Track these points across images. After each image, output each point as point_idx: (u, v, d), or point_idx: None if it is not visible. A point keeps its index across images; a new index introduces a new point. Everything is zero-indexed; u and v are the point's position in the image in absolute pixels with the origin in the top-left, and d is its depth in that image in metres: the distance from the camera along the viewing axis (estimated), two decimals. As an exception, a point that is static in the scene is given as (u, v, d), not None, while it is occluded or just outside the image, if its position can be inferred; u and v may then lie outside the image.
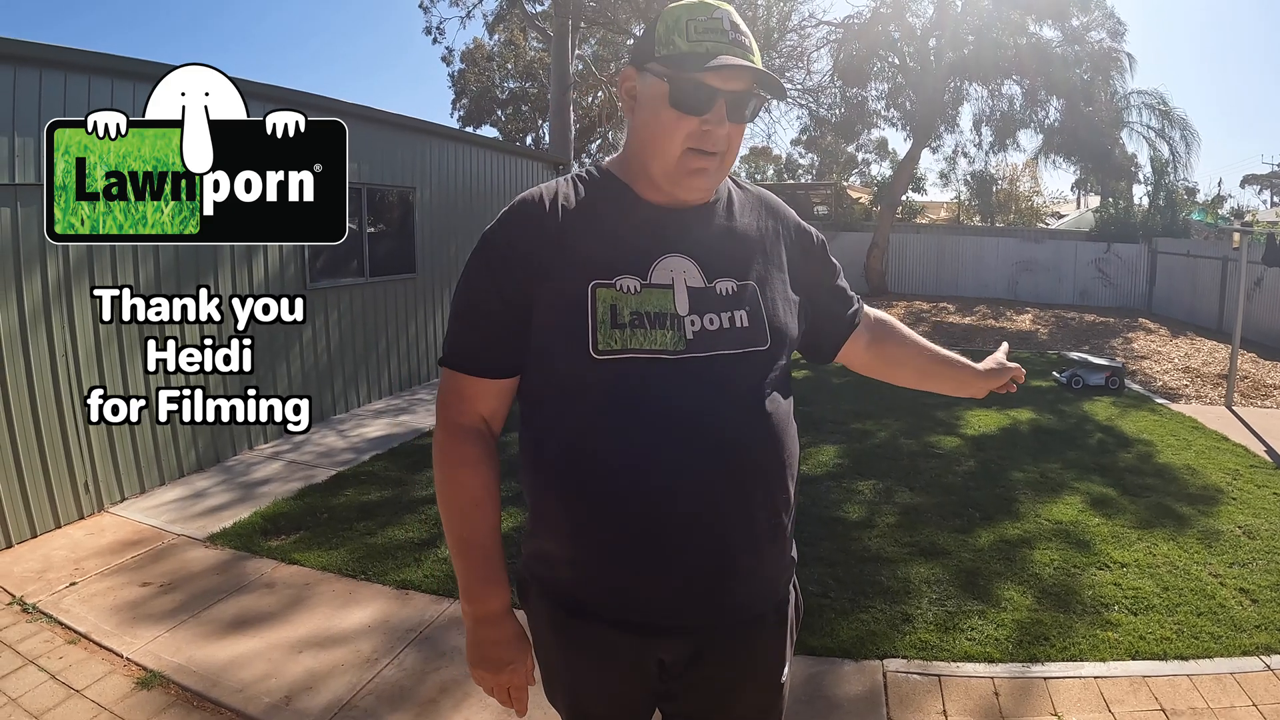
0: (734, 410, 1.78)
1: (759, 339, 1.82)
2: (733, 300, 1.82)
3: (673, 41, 1.72)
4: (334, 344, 9.59)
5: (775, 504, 1.86)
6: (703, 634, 1.84)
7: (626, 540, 1.75)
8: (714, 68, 1.67)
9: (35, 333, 5.95)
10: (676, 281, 1.78)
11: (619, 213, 1.82)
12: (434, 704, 3.96)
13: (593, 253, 1.76)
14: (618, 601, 1.80)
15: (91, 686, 4.07)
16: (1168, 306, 20.96)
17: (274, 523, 6.22)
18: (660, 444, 1.71)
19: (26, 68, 5.88)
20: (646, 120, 1.78)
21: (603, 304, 1.72)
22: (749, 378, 1.81)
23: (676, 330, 1.74)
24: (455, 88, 40.26)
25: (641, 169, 1.82)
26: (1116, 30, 23.00)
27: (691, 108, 1.72)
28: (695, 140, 1.74)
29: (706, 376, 1.75)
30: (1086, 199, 42.81)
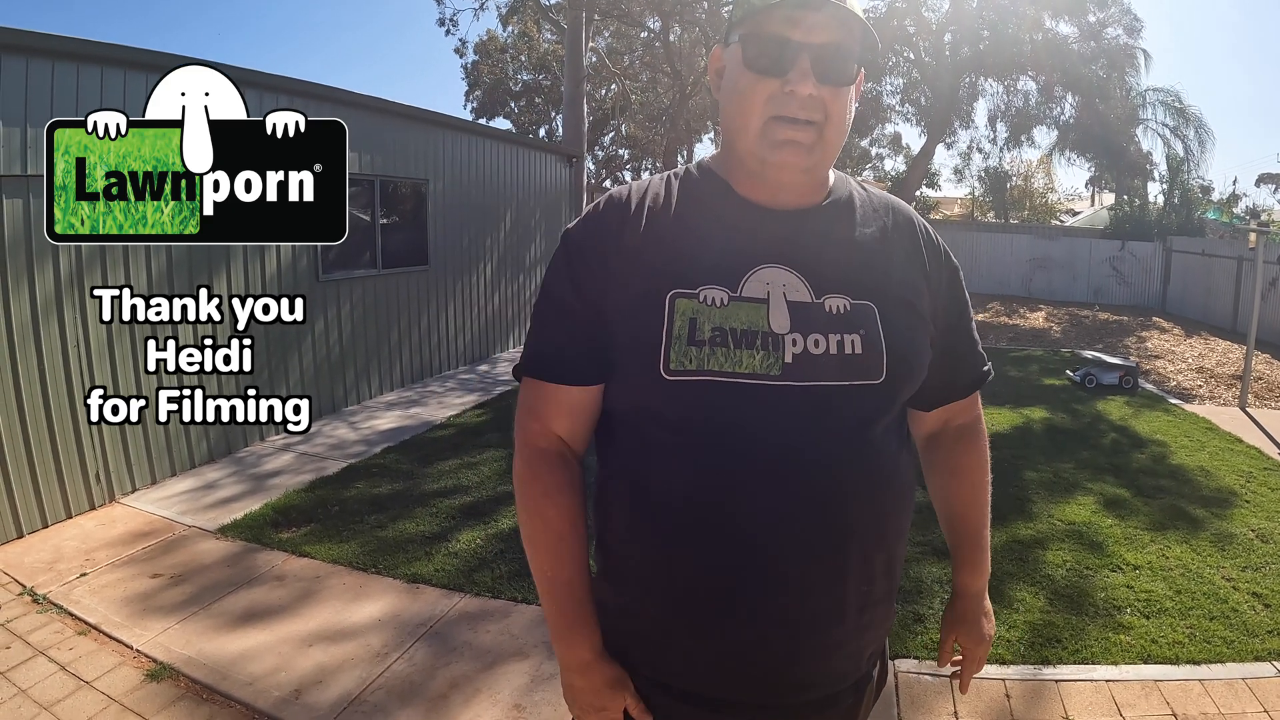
0: (833, 453, 1.51)
1: (873, 370, 1.54)
2: (844, 321, 1.55)
3: (748, 3, 1.53)
4: (346, 336, 9.59)
5: (872, 569, 1.59)
6: (765, 713, 1.61)
7: (687, 597, 1.55)
8: (788, 8, 1.47)
9: (48, 324, 5.96)
10: (774, 295, 1.53)
11: (714, 214, 1.61)
12: (444, 699, 3.96)
13: (677, 258, 1.55)
14: (672, 663, 1.62)
15: (101, 678, 4.08)
16: (1182, 306, 20.86)
17: (285, 515, 6.23)
18: (738, 486, 1.48)
19: (38, 59, 5.88)
20: (729, 92, 1.58)
21: (681, 317, 1.49)
22: (857, 415, 1.54)
23: (771, 351, 1.49)
24: (468, 79, 40.25)
25: (734, 156, 1.62)
26: (1133, 27, 22.88)
27: (768, 67, 1.51)
28: (778, 106, 1.51)
29: (803, 409, 1.49)
30: (1101, 196, 42.72)
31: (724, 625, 1.53)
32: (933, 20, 23.34)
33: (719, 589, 1.51)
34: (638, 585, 1.61)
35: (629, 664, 1.65)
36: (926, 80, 24.18)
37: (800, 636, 1.54)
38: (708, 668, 1.57)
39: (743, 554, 1.49)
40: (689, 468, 1.50)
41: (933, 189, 37.41)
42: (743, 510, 1.48)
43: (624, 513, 1.60)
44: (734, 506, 1.48)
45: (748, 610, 1.51)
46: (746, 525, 1.48)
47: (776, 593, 1.51)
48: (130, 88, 6.62)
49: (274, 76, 8.19)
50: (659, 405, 1.50)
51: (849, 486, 1.51)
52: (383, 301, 10.33)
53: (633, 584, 1.62)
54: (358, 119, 9.52)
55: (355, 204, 9.75)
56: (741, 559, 1.49)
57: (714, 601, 1.52)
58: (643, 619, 1.62)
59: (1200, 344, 15.93)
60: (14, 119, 5.70)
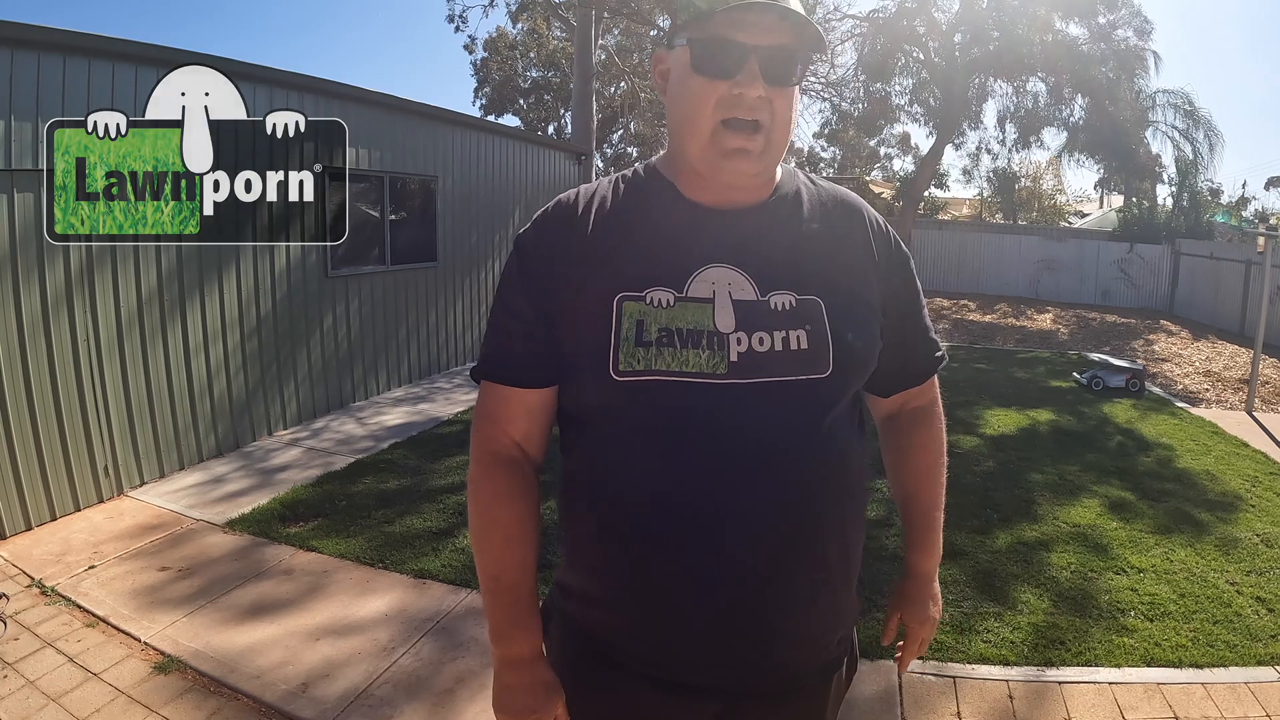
0: (782, 446, 1.53)
1: (820, 364, 1.55)
2: (790, 317, 1.56)
3: (692, 5, 1.52)
4: (354, 331, 9.62)
5: (827, 557, 1.61)
6: (735, 697, 1.65)
7: (652, 587, 1.57)
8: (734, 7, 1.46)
9: (58, 317, 5.99)
10: (719, 294, 1.55)
11: (660, 216, 1.62)
12: (450, 694, 3.98)
13: (624, 262, 1.56)
14: (642, 652, 1.62)
15: (109, 670, 4.10)
16: (1189, 309, 20.85)
17: (293, 509, 6.26)
18: (691, 481, 1.51)
19: (49, 54, 5.90)
20: (676, 96, 1.59)
21: (628, 319, 1.51)
22: (805, 408, 1.56)
23: (717, 350, 1.51)
24: (478, 76, 40.27)
25: (682, 158, 1.62)
26: (1143, 28, 22.82)
27: (717, 69, 1.51)
28: (728, 108, 1.51)
29: (750, 406, 1.51)
30: (1110, 198, 42.61)
31: (688, 615, 1.56)
32: (943, 21, 23.30)
33: (681, 580, 1.54)
34: (604, 579, 1.63)
35: (610, 661, 1.66)
36: (936, 80, 24.14)
37: (761, 623, 1.58)
38: (675, 656, 1.60)
39: (702, 546, 1.51)
40: (645, 464, 1.53)
41: (941, 189, 37.32)
42: (699, 504, 1.51)
43: (587, 509, 1.64)
44: (690, 500, 1.51)
45: (710, 600, 1.54)
46: (704, 518, 1.51)
47: (735, 582, 1.54)
48: (141, 83, 6.63)
49: (282, 72, 8.21)
50: (611, 405, 1.53)
51: (800, 478, 1.54)
52: (391, 297, 10.36)
53: (599, 578, 1.64)
54: (367, 115, 9.56)
55: (364, 200, 9.79)
56: (701, 551, 1.52)
57: (677, 592, 1.55)
58: (611, 611, 1.64)
59: (1208, 347, 15.92)
60: (26, 114, 5.73)
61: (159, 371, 6.90)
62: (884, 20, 23.61)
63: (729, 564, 1.53)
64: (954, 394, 10.74)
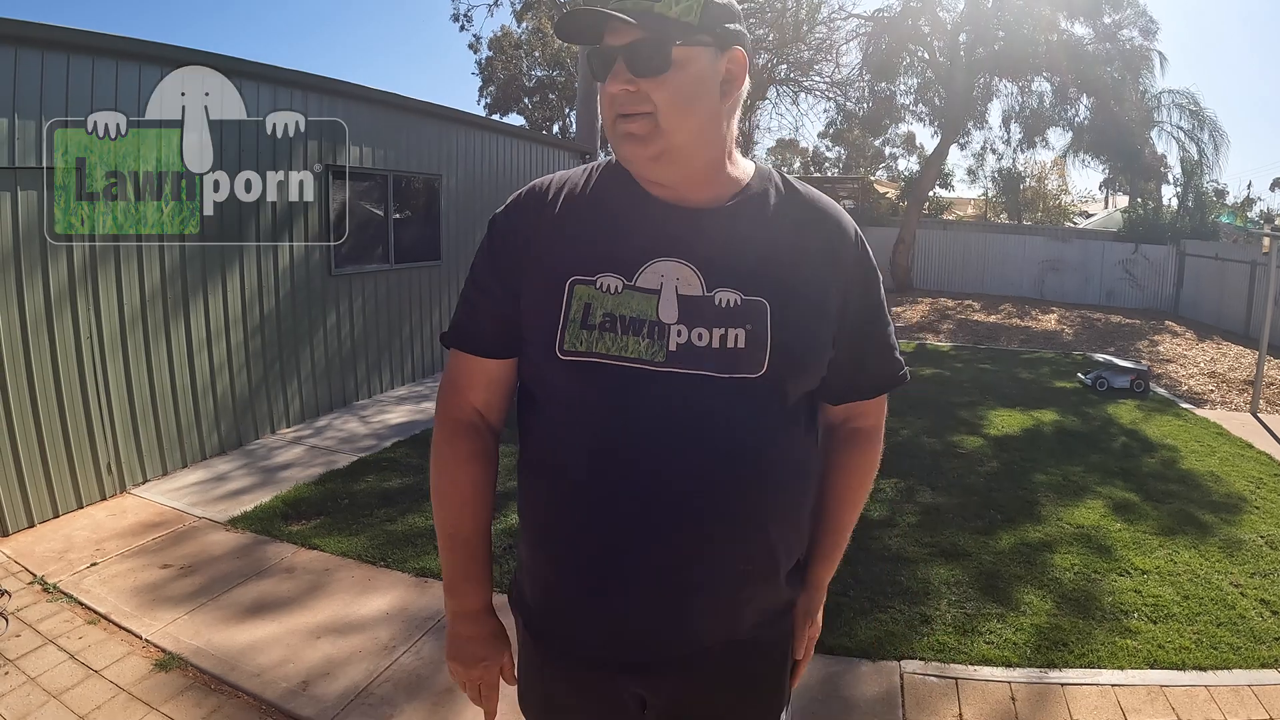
0: (706, 439, 1.58)
1: (752, 364, 1.58)
2: (731, 315, 1.60)
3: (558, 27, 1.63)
4: (357, 330, 9.62)
5: (750, 549, 1.66)
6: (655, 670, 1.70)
7: (579, 561, 1.65)
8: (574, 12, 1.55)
9: (61, 314, 5.99)
10: (665, 287, 1.59)
11: (621, 206, 1.67)
12: (450, 693, 3.97)
13: (581, 247, 1.63)
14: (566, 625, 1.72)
15: (110, 667, 4.10)
16: (1194, 309, 20.81)
17: (295, 507, 6.25)
18: (621, 461, 1.58)
19: (53, 52, 5.90)
20: None
21: (578, 301, 1.58)
22: (732, 408, 1.59)
23: (656, 340, 1.57)
24: (482, 75, 40.35)
25: None
26: (1148, 28, 22.85)
27: (599, 73, 1.60)
28: (616, 105, 1.58)
29: (682, 396, 1.56)
30: (1115, 199, 42.57)
31: (608, 588, 1.63)
32: (947, 20, 23.33)
33: (605, 555, 1.61)
34: (540, 549, 1.72)
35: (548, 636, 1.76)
36: (941, 80, 24.17)
37: (678, 602, 1.64)
38: (596, 629, 1.67)
39: (626, 524, 1.58)
40: (580, 441, 1.61)
41: (946, 189, 37.32)
42: (625, 483, 1.57)
43: (529, 484, 1.72)
44: (617, 479, 1.58)
45: (630, 575, 1.61)
46: (629, 498, 1.57)
47: (654, 561, 1.60)
48: (145, 82, 6.64)
49: (286, 71, 8.21)
50: (554, 382, 1.62)
51: (720, 471, 1.59)
52: (395, 296, 10.35)
53: (537, 548, 1.73)
54: (371, 114, 9.55)
55: (368, 199, 9.78)
56: (625, 528, 1.58)
57: (601, 566, 1.62)
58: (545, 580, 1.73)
59: (1212, 348, 15.89)
60: (29, 112, 5.73)
61: (162, 369, 6.90)
62: (889, 20, 23.64)
63: (646, 550, 1.59)
64: (958, 394, 10.74)
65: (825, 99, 26.72)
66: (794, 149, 49.03)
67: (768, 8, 24.32)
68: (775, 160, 53.20)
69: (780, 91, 27.88)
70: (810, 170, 49.95)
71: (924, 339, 16.57)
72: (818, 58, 24.77)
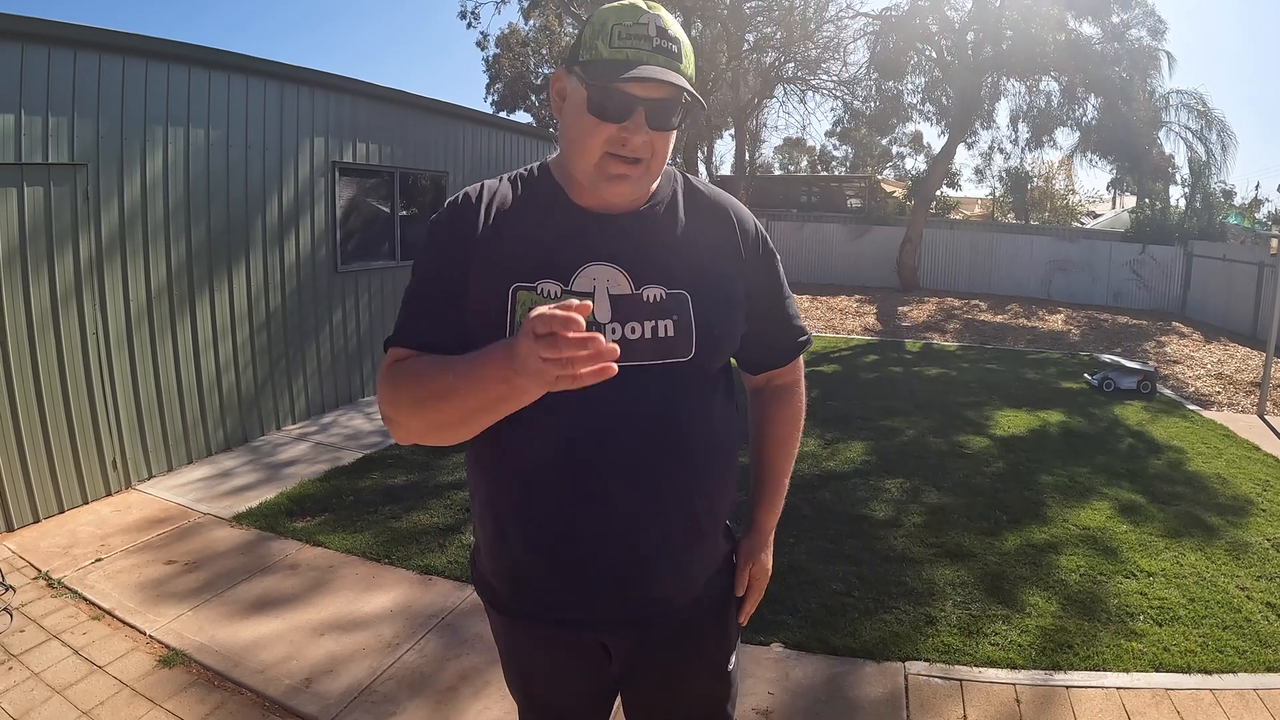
0: (643, 423, 1.77)
1: (682, 349, 1.79)
2: (659, 308, 1.78)
3: (595, 47, 1.69)
4: (364, 327, 9.62)
5: (694, 509, 1.88)
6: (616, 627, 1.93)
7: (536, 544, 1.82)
8: (631, 79, 1.64)
9: (67, 311, 6.00)
10: (598, 289, 1.75)
11: (549, 216, 1.81)
12: (454, 691, 3.97)
13: (518, 255, 1.75)
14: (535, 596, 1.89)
15: (114, 663, 4.11)
16: (1202, 311, 20.75)
17: (299, 504, 6.26)
18: (568, 452, 1.75)
19: (60, 48, 5.90)
20: (570, 122, 1.75)
21: (522, 306, 1.69)
22: (667, 390, 1.79)
23: None
24: (489, 73, 40.36)
25: (570, 171, 1.81)
26: (1156, 28, 22.77)
27: (609, 115, 1.69)
28: (614, 146, 1.70)
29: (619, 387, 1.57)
30: (1122, 199, 42.44)
31: (579, 558, 1.81)
32: (955, 19, 23.28)
33: (572, 531, 1.79)
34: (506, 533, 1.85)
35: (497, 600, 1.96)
36: (948, 79, 24.12)
37: (640, 564, 1.84)
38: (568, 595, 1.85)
39: (585, 501, 1.77)
40: (536, 435, 1.75)
41: (953, 189, 37.35)
42: (583, 467, 1.75)
43: (489, 473, 1.86)
44: (575, 465, 1.75)
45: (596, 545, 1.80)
46: (587, 479, 1.76)
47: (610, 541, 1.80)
48: (152, 77, 6.65)
49: (293, 68, 8.21)
50: None
51: (665, 446, 1.80)
52: (401, 293, 10.28)
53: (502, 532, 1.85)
54: (377, 111, 9.56)
55: (374, 195, 9.79)
56: (585, 505, 1.77)
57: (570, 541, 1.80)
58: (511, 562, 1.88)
59: (1220, 350, 15.84)
60: (36, 108, 5.74)
61: (168, 366, 6.91)
62: (896, 18, 23.59)
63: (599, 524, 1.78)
64: (964, 394, 10.73)
65: (832, 97, 26.67)
66: (801, 148, 49.08)
67: (775, 6, 24.28)
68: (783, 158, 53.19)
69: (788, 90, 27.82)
70: (817, 169, 49.94)
71: (930, 339, 16.54)
72: (825, 56, 24.72)
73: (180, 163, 6.95)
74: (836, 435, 8.43)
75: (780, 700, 3.92)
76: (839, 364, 13.32)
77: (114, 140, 6.33)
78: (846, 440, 8.28)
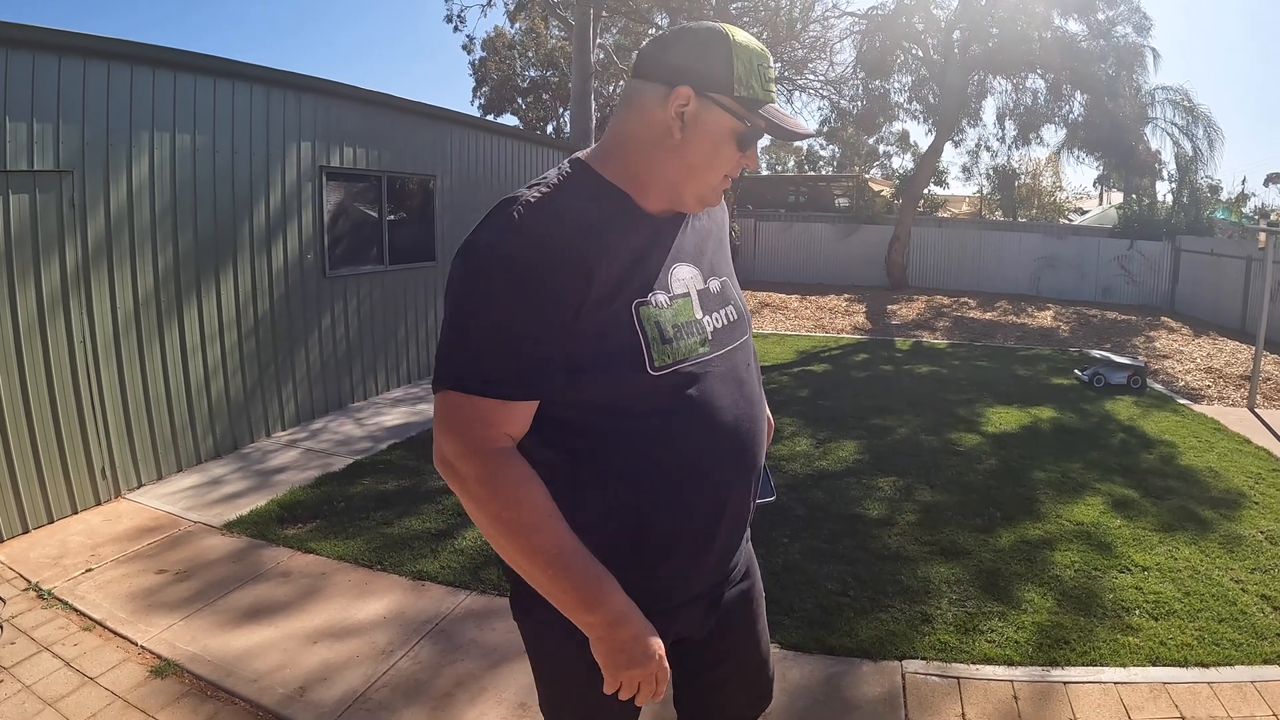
0: (749, 398, 1.93)
1: (742, 330, 1.98)
2: (722, 296, 1.94)
3: (751, 86, 1.76)
4: (353, 332, 9.59)
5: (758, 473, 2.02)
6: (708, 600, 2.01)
7: (689, 534, 1.85)
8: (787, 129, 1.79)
9: (54, 319, 5.95)
10: (691, 288, 1.86)
11: (633, 226, 1.79)
12: (449, 698, 3.94)
13: (627, 272, 1.73)
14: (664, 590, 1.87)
15: (105, 674, 4.07)
16: (1190, 305, 20.80)
17: (290, 511, 6.23)
18: (712, 443, 1.82)
19: (44, 53, 5.86)
20: (701, 148, 1.78)
21: (649, 322, 1.72)
22: (750, 364, 2.00)
23: (699, 333, 1.82)
24: (476, 76, 40.30)
25: (657, 183, 1.81)
26: (1142, 25, 22.85)
27: (743, 145, 1.80)
28: (733, 170, 1.85)
29: (727, 372, 1.87)
30: (1109, 195, 42.55)
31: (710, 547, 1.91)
32: (941, 17, 23.34)
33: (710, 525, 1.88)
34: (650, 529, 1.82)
35: None
36: (935, 78, 24.19)
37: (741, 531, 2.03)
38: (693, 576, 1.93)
39: (723, 492, 1.87)
40: (678, 439, 1.78)
41: (941, 187, 37.35)
42: (718, 459, 1.84)
43: (617, 490, 1.79)
44: (713, 458, 1.83)
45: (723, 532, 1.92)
46: (721, 470, 1.86)
47: (733, 516, 1.93)
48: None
49: (279, 72, 8.18)
50: (644, 395, 1.73)
51: (758, 422, 1.97)
52: (390, 297, 10.32)
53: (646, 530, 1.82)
54: (365, 115, 9.53)
55: (362, 200, 9.76)
56: (722, 496, 1.88)
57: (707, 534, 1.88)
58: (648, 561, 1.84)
59: (1209, 344, 15.87)
60: (20, 114, 5.70)
61: (156, 373, 6.87)
62: (882, 17, 23.63)
63: (732, 501, 1.91)
64: (955, 392, 10.74)
65: (819, 97, 26.61)
66: (788, 147, 48.95)
67: (761, 6, 24.28)
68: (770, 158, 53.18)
69: (774, 90, 27.80)
70: (804, 169, 49.95)
71: (920, 337, 16.55)
72: (812, 56, 24.68)
73: (166, 168, 6.91)
74: (828, 434, 8.43)
75: (778, 701, 3.89)
76: (829, 363, 13.32)
77: (99, 146, 6.29)
78: (838, 439, 8.27)
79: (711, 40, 1.76)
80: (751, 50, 1.77)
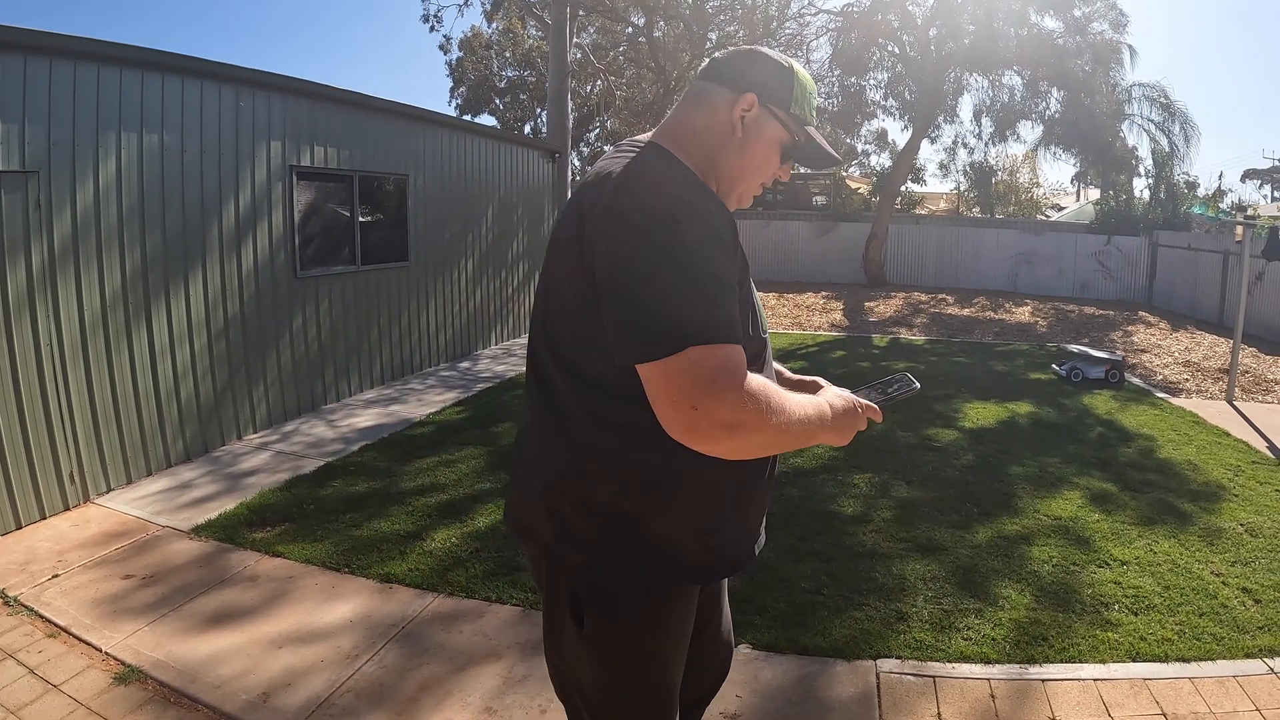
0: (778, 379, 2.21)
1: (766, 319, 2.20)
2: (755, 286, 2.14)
3: (803, 107, 2.03)
4: (325, 333, 9.50)
5: None
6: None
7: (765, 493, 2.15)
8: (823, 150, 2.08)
9: (20, 321, 5.86)
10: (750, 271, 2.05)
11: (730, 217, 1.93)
12: (414, 702, 3.88)
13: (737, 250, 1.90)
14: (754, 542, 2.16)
15: (69, 681, 4.00)
16: (1168, 300, 20.91)
17: (260, 514, 6.14)
18: None
19: (9, 53, 5.77)
20: (755, 152, 2.01)
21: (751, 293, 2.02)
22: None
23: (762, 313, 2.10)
24: (453, 76, 40.22)
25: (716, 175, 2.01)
26: (1118, 22, 22.96)
27: (789, 159, 2.08)
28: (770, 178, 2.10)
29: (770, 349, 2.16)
30: (1086, 191, 42.78)
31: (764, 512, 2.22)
32: (918, 15, 23.41)
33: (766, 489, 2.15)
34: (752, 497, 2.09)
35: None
36: (911, 75, 24.25)
37: None
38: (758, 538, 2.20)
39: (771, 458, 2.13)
40: None
41: (918, 184, 37.44)
42: None
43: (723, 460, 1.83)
44: None
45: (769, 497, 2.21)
46: None
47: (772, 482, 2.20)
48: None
49: (249, 70, 8.10)
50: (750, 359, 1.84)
51: None
52: (362, 298, 10.23)
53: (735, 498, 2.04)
54: (336, 114, 9.47)
55: (334, 200, 9.67)
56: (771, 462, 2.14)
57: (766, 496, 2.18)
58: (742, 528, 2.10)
59: (1186, 338, 15.94)
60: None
61: (124, 376, 6.77)
62: (858, 15, 23.70)
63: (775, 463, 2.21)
64: (933, 388, 10.72)
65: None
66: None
67: (738, 4, 24.31)
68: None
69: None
70: (783, 167, 50.04)
71: (897, 333, 16.56)
72: (788, 53, 24.73)
73: (134, 168, 6.82)
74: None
75: (749, 704, 3.85)
76: (806, 360, 13.31)
77: (66, 146, 6.19)
78: (816, 436, 8.19)
79: (779, 63, 2.01)
80: (807, 80, 2.04)
